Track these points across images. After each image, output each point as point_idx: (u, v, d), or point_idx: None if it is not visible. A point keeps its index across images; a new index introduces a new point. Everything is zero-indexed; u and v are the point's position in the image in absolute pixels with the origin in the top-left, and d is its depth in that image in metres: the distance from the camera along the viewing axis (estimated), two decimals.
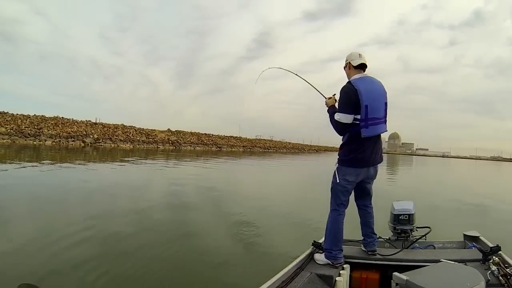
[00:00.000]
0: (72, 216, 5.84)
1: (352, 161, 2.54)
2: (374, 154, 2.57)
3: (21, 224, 5.25)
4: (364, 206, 2.79)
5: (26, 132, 32.28)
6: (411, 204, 3.08)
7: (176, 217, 6.36)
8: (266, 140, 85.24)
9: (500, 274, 2.16)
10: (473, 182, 20.70)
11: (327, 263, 2.53)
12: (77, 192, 8.38)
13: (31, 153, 20.75)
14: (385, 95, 2.60)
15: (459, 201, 10.29)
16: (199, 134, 58.86)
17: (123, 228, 5.27)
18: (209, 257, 4.23)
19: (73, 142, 34.07)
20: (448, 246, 3.10)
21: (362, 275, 2.54)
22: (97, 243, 4.47)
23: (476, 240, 3.08)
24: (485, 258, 2.43)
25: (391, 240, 3.04)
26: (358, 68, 2.61)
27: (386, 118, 2.60)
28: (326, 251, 2.58)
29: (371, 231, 2.74)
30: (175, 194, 9.07)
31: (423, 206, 7.01)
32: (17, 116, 36.57)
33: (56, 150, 25.30)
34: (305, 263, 2.56)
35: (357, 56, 2.62)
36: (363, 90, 2.43)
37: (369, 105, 2.42)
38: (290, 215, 7.10)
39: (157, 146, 42.43)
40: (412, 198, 3.32)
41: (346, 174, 2.56)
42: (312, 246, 2.78)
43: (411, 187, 15.04)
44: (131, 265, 3.77)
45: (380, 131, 2.54)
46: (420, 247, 2.95)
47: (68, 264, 3.65)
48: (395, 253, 2.63)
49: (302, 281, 2.21)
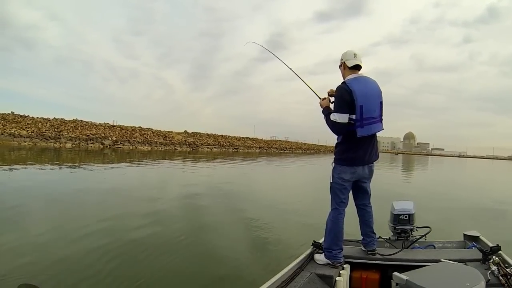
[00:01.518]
0: (100, 213, 5.99)
1: (347, 160, 2.56)
2: (369, 152, 2.59)
3: (42, 224, 5.33)
4: (363, 206, 2.77)
5: (46, 135, 32.82)
6: (411, 204, 3.08)
7: (195, 216, 6.48)
8: (282, 141, 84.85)
9: (500, 274, 2.16)
10: (482, 182, 20.41)
11: (327, 263, 2.53)
12: (106, 191, 8.59)
13: (53, 155, 21.03)
14: (380, 94, 2.60)
15: (462, 200, 10.16)
16: (215, 136, 58.94)
17: (140, 224, 5.48)
18: (221, 252, 4.37)
19: (92, 144, 34.45)
20: (448, 246, 3.10)
21: (362, 275, 2.54)
22: (115, 242, 4.52)
23: (476, 240, 3.08)
24: (485, 258, 2.43)
25: (391, 240, 3.03)
26: (353, 69, 2.62)
27: (382, 117, 2.59)
28: (326, 251, 2.58)
29: (370, 231, 2.73)
30: (197, 194, 9.02)
31: (424, 206, 6.94)
32: (37, 119, 37.30)
33: (76, 152, 25.64)
34: (305, 263, 2.56)
35: (352, 56, 2.61)
36: (357, 91, 2.44)
37: (364, 105, 2.43)
38: (302, 214, 7.12)
39: (174, 148, 42.59)
40: (415, 197, 3.18)
41: (342, 172, 2.57)
42: (312, 246, 2.78)
43: (419, 188, 14.75)
44: (143, 263, 3.83)
45: (375, 130, 2.54)
46: (420, 247, 2.95)
47: (80, 262, 3.73)
48: (395, 253, 2.62)
49: (302, 281, 2.22)
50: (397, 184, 15.51)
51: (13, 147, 25.97)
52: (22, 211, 6.00)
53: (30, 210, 6.19)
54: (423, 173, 27.24)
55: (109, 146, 35.20)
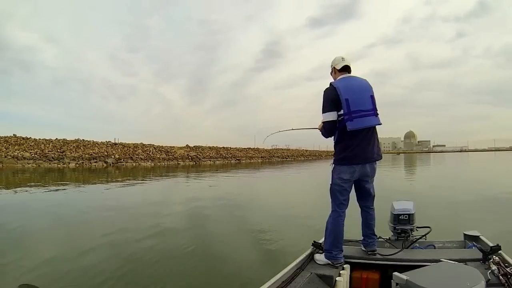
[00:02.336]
0: (107, 229, 6.15)
1: (345, 159, 2.54)
2: (368, 150, 2.55)
3: (50, 240, 5.53)
4: (366, 208, 2.76)
5: (50, 155, 33.00)
6: (411, 204, 3.08)
7: (200, 226, 6.65)
8: (284, 149, 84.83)
9: (501, 274, 2.16)
10: (482, 176, 19.99)
11: (327, 263, 2.54)
12: (109, 208, 8.66)
13: (57, 176, 21.02)
14: (370, 88, 2.58)
15: (462, 199, 9.96)
16: (217, 148, 59.02)
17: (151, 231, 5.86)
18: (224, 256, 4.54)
19: (96, 163, 34.58)
20: (448, 246, 3.09)
21: (362, 275, 2.54)
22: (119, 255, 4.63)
23: (477, 239, 3.07)
24: (485, 257, 2.43)
25: (391, 240, 3.03)
26: (342, 71, 2.66)
27: (377, 111, 2.55)
28: (326, 251, 2.58)
29: (371, 233, 2.73)
30: (202, 205, 9.18)
31: (424, 205, 6.94)
32: (39, 140, 37.51)
33: (80, 172, 25.69)
34: (305, 263, 2.57)
35: (340, 60, 2.67)
36: (341, 86, 2.48)
37: (350, 98, 2.43)
38: (303, 216, 7.26)
39: (177, 163, 42.63)
40: (414, 196, 3.16)
41: (341, 172, 2.56)
42: (312, 246, 2.78)
43: (418, 186, 14.66)
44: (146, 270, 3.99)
45: (368, 123, 2.50)
46: (420, 247, 2.95)
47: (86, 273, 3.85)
48: (395, 253, 2.62)
49: (303, 281, 2.22)
50: (397, 183, 15.56)
51: (17, 170, 26.05)
52: (31, 230, 6.15)
53: (40, 229, 6.32)
54: (423, 171, 27.12)
55: (112, 164, 35.30)
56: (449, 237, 3.27)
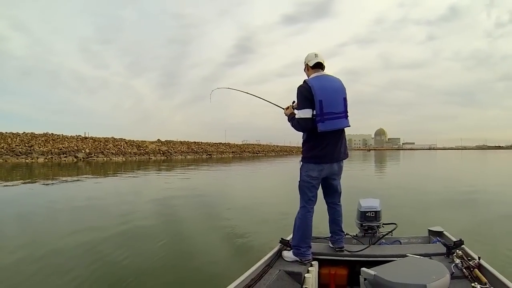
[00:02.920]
0: (78, 225, 6.17)
1: (313, 157, 2.56)
2: (336, 150, 2.58)
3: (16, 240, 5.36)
4: (333, 204, 2.79)
5: (17, 150, 32.41)
6: (377, 202, 3.16)
7: (172, 222, 6.79)
8: (254, 144, 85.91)
9: (464, 267, 2.23)
10: (448, 174, 20.67)
11: (296, 260, 2.55)
12: (85, 204, 8.77)
13: (25, 171, 20.92)
14: (343, 90, 2.60)
15: (427, 195, 10.33)
16: (188, 143, 59.37)
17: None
18: (197, 255, 4.50)
19: (66, 158, 34.30)
20: (413, 241, 3.15)
21: (330, 271, 2.58)
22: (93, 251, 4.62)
23: (440, 235, 3.13)
24: (449, 251, 2.49)
25: (358, 236, 3.09)
26: (315, 68, 2.66)
27: (347, 114, 2.59)
28: (294, 248, 2.59)
29: (339, 229, 2.76)
30: (173, 201, 9.41)
31: (391, 202, 7.40)
32: (6, 134, 36.56)
33: (49, 167, 25.51)
34: (273, 260, 2.57)
35: (313, 57, 2.66)
36: (316, 86, 2.47)
37: (324, 100, 2.45)
38: (274, 212, 7.43)
39: (149, 157, 42.83)
40: (381, 192, 3.67)
41: (309, 170, 2.58)
42: (279, 243, 2.79)
43: (387, 183, 15.14)
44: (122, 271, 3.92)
45: (338, 126, 2.53)
46: (386, 243, 2.98)
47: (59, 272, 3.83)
48: (363, 249, 2.65)
49: (271, 279, 2.22)
50: (366, 179, 16.03)
51: None
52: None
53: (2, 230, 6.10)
54: (392, 168, 27.87)
55: (82, 158, 35.16)
56: (414, 233, 3.34)
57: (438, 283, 1.72)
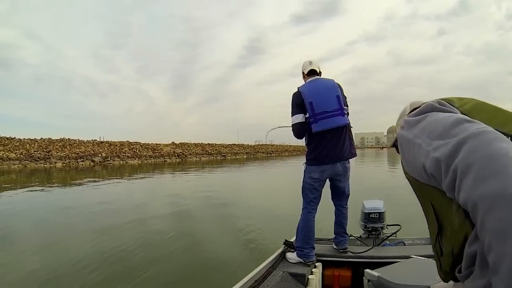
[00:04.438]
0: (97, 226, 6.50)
1: (314, 159, 2.58)
2: (338, 149, 2.56)
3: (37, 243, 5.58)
4: (340, 206, 2.79)
5: (35, 156, 32.87)
6: (381, 203, 3.14)
7: (185, 223, 6.93)
8: (268, 145, 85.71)
9: None
10: None
11: (299, 261, 2.55)
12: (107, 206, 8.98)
13: (45, 176, 21.14)
14: (336, 88, 2.58)
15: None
16: (202, 145, 59.50)
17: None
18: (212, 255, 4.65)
19: (83, 162, 34.65)
20: (418, 243, 3.11)
21: (334, 272, 2.59)
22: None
23: None
24: None
25: (362, 238, 3.08)
26: (310, 75, 2.72)
27: (344, 111, 2.57)
28: (298, 249, 2.60)
29: (343, 231, 2.77)
30: (188, 203, 9.60)
31: (395, 203, 7.35)
32: (24, 140, 37.17)
33: (67, 171, 25.73)
34: (277, 262, 2.58)
35: (308, 64, 2.73)
36: (306, 90, 2.55)
37: (314, 101, 2.49)
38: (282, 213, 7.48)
39: (164, 160, 43.02)
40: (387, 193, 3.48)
41: (311, 172, 2.60)
42: (283, 245, 2.80)
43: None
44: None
45: (333, 124, 2.50)
46: (390, 244, 2.98)
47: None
48: (366, 251, 2.65)
49: (275, 280, 2.24)
50: (372, 179, 15.89)
51: (2, 171, 25.78)
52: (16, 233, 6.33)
53: (25, 232, 6.43)
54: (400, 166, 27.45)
55: (99, 162, 35.46)
56: (418, 234, 3.31)
57: (442, 284, 1.52)
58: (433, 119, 0.76)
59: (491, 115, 0.77)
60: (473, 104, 0.83)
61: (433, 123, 0.74)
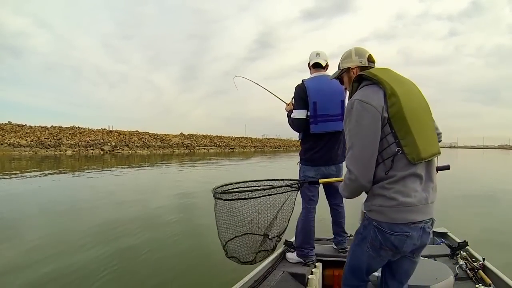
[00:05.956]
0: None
1: (309, 160, 2.56)
2: (333, 153, 2.53)
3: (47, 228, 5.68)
4: (336, 205, 2.75)
5: (46, 143, 33.31)
6: None
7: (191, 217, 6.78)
8: (276, 139, 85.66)
9: (468, 268, 2.27)
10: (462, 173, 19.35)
11: (299, 261, 2.55)
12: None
13: (56, 163, 21.40)
14: (342, 93, 2.49)
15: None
16: (211, 137, 59.62)
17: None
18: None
19: (92, 150, 35.00)
20: None
21: (334, 272, 2.58)
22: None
23: (445, 236, 3.15)
24: (453, 253, 2.53)
25: None
26: (316, 67, 2.62)
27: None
28: (297, 248, 2.59)
29: (341, 230, 2.76)
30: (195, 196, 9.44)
31: None
32: (35, 128, 37.66)
33: (77, 159, 25.98)
34: (277, 262, 2.57)
35: (315, 56, 2.62)
36: (311, 88, 2.46)
37: (318, 102, 2.44)
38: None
39: (172, 151, 43.28)
40: None
41: (306, 171, 2.59)
42: (283, 245, 2.78)
43: None
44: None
45: (332, 128, 2.48)
46: None
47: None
48: None
49: (275, 280, 2.24)
50: None
51: (13, 157, 26.08)
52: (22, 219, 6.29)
53: (32, 217, 6.42)
54: None
55: (108, 151, 35.77)
56: None
57: (441, 284, 1.74)
58: None
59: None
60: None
61: None
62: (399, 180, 1.33)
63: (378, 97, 1.35)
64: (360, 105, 1.34)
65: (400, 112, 1.32)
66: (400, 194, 1.32)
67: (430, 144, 1.41)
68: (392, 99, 1.33)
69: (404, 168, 1.33)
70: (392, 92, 1.33)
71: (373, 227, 1.41)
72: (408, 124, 1.33)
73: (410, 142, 1.32)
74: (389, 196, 1.33)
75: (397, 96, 1.33)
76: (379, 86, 1.37)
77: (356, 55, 1.60)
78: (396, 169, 1.33)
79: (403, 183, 1.33)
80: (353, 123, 1.37)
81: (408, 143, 1.32)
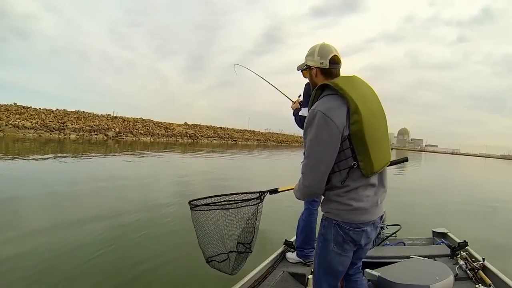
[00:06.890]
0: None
1: None
2: None
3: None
4: None
5: (50, 126, 33.25)
6: None
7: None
8: (279, 134, 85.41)
9: (468, 268, 2.28)
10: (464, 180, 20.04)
11: (299, 261, 2.57)
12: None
13: (61, 146, 21.41)
14: None
15: (434, 198, 10.23)
16: (214, 128, 59.41)
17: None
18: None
19: (96, 135, 34.96)
20: (417, 243, 3.15)
21: None
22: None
23: (445, 236, 3.14)
24: (453, 253, 2.54)
25: None
26: None
27: None
28: (298, 249, 2.60)
29: None
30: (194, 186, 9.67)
31: (395, 203, 7.33)
32: (40, 110, 37.62)
33: (80, 143, 25.92)
34: (277, 261, 2.59)
35: None
36: None
37: None
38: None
39: (176, 140, 43.17)
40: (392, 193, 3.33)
41: None
42: (283, 245, 2.79)
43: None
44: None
45: None
46: (390, 244, 2.99)
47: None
48: None
49: (275, 280, 2.25)
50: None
51: (18, 139, 25.99)
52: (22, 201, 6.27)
53: (31, 200, 6.39)
54: (410, 169, 26.17)
55: (112, 137, 35.73)
56: (418, 234, 3.35)
57: (441, 284, 1.74)
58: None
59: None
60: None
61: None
62: (352, 189, 1.45)
63: (341, 114, 1.39)
64: (323, 119, 1.39)
65: (361, 132, 1.39)
66: (353, 201, 1.45)
67: (383, 155, 1.53)
68: (354, 117, 1.39)
69: (358, 180, 1.45)
70: (355, 110, 1.38)
71: (333, 225, 1.50)
72: (366, 143, 1.41)
73: (366, 158, 1.42)
74: (344, 203, 1.46)
75: (360, 114, 1.38)
76: (343, 100, 1.40)
77: (319, 55, 1.59)
78: (351, 179, 1.44)
79: (356, 192, 1.46)
80: (313, 134, 1.43)
81: (364, 159, 1.42)
